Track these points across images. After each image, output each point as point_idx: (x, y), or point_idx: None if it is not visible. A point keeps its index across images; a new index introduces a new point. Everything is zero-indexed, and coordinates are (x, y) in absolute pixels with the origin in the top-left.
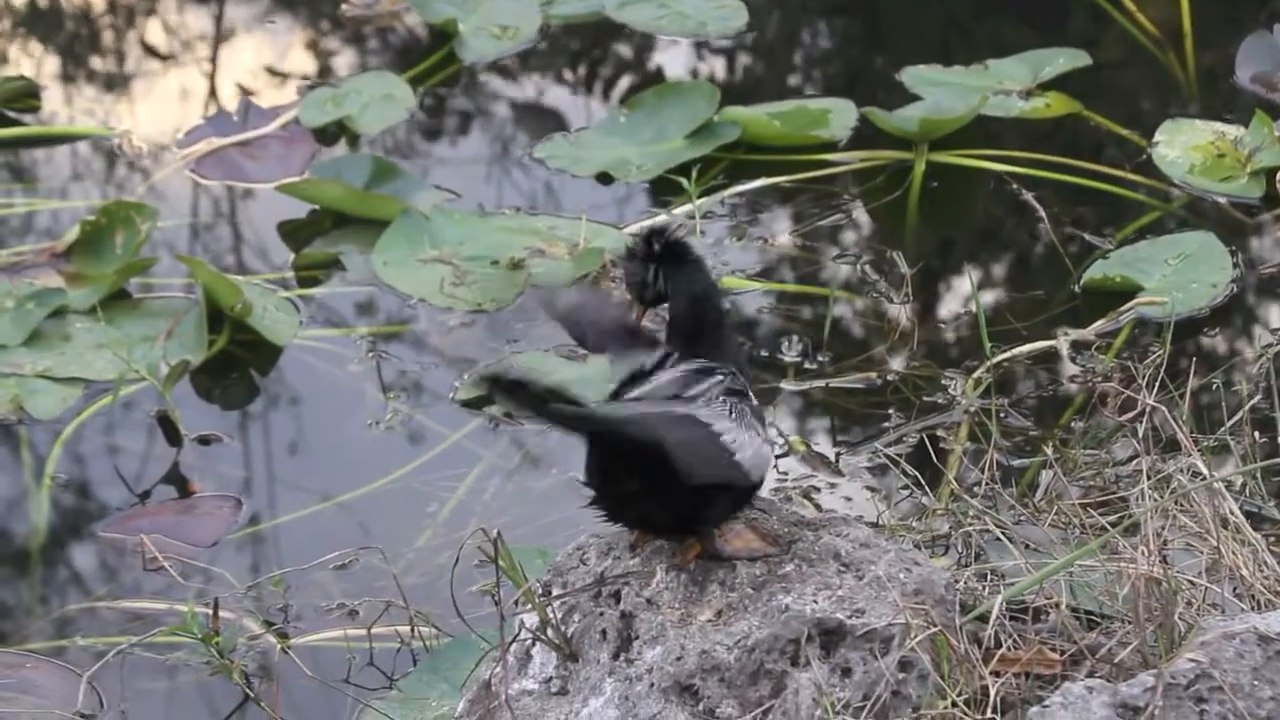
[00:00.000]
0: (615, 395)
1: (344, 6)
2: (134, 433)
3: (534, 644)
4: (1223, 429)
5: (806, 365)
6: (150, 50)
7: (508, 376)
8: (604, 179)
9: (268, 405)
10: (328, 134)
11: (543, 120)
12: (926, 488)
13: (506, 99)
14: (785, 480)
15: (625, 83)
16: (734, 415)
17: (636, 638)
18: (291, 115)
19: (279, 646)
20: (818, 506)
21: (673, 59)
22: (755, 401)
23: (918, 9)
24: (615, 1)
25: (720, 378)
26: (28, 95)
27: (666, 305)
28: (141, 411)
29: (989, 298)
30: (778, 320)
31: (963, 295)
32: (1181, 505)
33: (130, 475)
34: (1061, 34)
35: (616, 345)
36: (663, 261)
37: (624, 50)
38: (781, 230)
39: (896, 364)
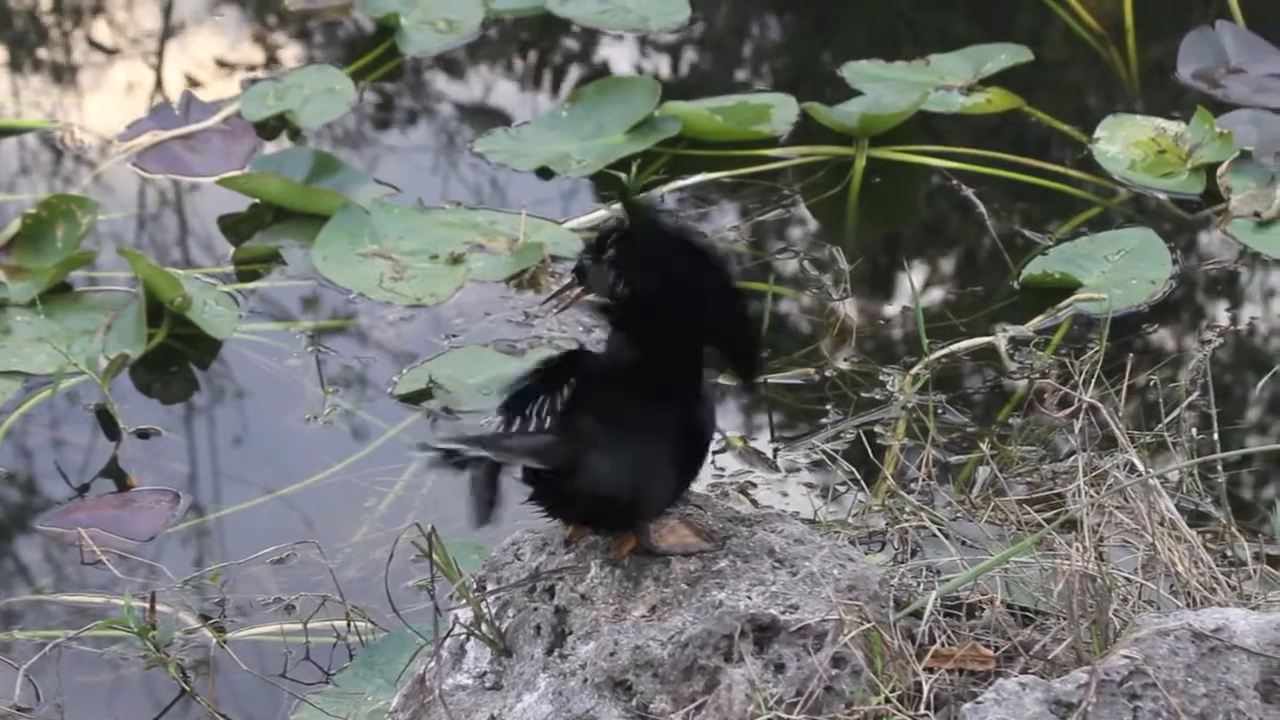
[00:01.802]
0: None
1: (287, 0)
2: (74, 426)
3: (468, 639)
4: (1160, 425)
5: None
6: (96, 44)
7: (456, 442)
8: (544, 174)
9: (207, 399)
10: (269, 128)
11: (486, 115)
12: (863, 484)
13: (449, 93)
14: (722, 476)
15: (570, 78)
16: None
17: (570, 633)
18: (233, 109)
19: (216, 641)
20: (754, 502)
21: (617, 54)
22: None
23: (864, 4)
24: None
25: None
26: None
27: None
28: (81, 405)
29: (929, 294)
30: None
31: (903, 291)
32: (1118, 502)
33: (70, 469)
34: (1008, 29)
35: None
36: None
37: (568, 45)
38: (722, 226)
39: (835, 360)
